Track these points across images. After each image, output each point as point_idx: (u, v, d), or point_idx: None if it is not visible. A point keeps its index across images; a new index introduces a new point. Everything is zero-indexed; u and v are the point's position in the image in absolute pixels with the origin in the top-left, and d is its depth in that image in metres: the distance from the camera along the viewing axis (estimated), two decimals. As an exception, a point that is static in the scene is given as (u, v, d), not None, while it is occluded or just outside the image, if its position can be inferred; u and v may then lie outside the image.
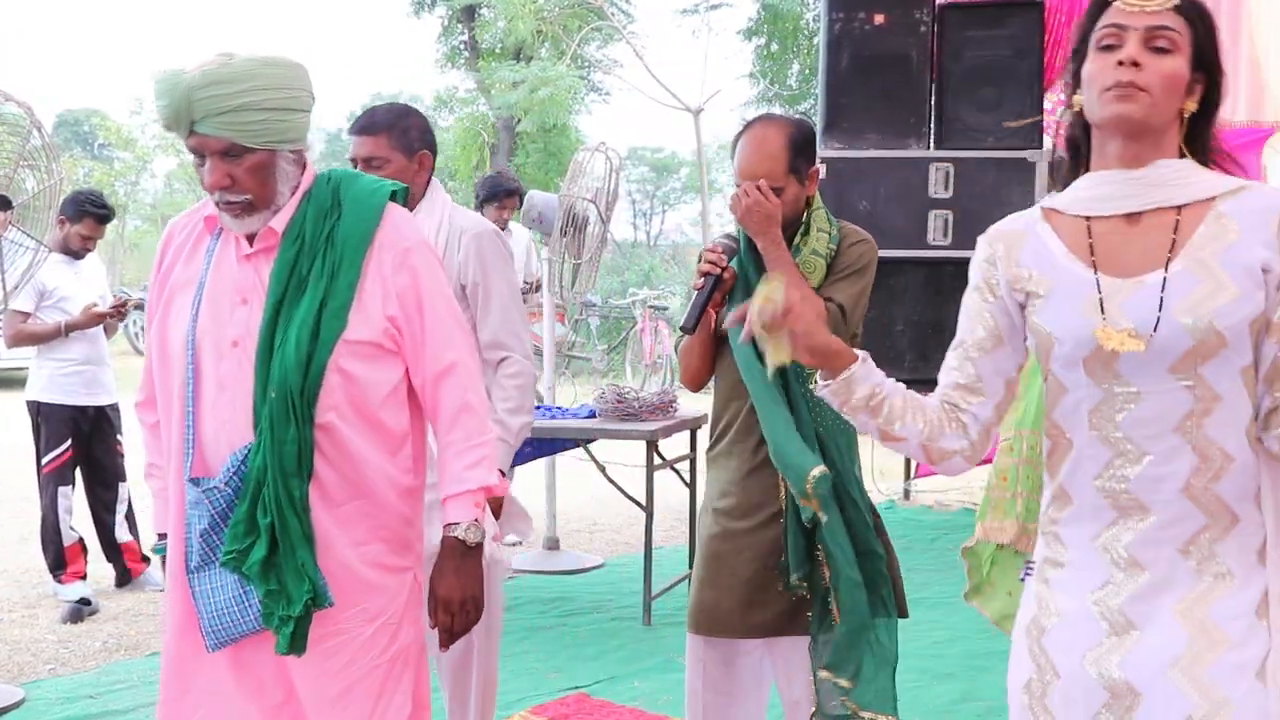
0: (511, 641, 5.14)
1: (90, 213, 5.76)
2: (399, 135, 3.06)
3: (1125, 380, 1.71)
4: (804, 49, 15.98)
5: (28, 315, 5.72)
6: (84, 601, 5.60)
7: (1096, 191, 1.79)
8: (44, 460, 5.78)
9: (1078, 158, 1.86)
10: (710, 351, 3.03)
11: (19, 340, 5.84)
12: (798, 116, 3.70)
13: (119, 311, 5.84)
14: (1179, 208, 1.73)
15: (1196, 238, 1.70)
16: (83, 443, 5.85)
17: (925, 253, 6.00)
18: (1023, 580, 2.08)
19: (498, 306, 3.22)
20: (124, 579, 6.04)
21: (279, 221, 2.21)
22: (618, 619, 5.74)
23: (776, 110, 18.77)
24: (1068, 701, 1.78)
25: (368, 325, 2.21)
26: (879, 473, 8.07)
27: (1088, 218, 1.79)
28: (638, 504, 5.89)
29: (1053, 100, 7.36)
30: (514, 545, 6.67)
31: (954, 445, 1.86)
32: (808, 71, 16.02)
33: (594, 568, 6.78)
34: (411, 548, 2.39)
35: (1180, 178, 1.73)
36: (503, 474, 3.06)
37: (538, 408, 5.83)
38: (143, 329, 13.00)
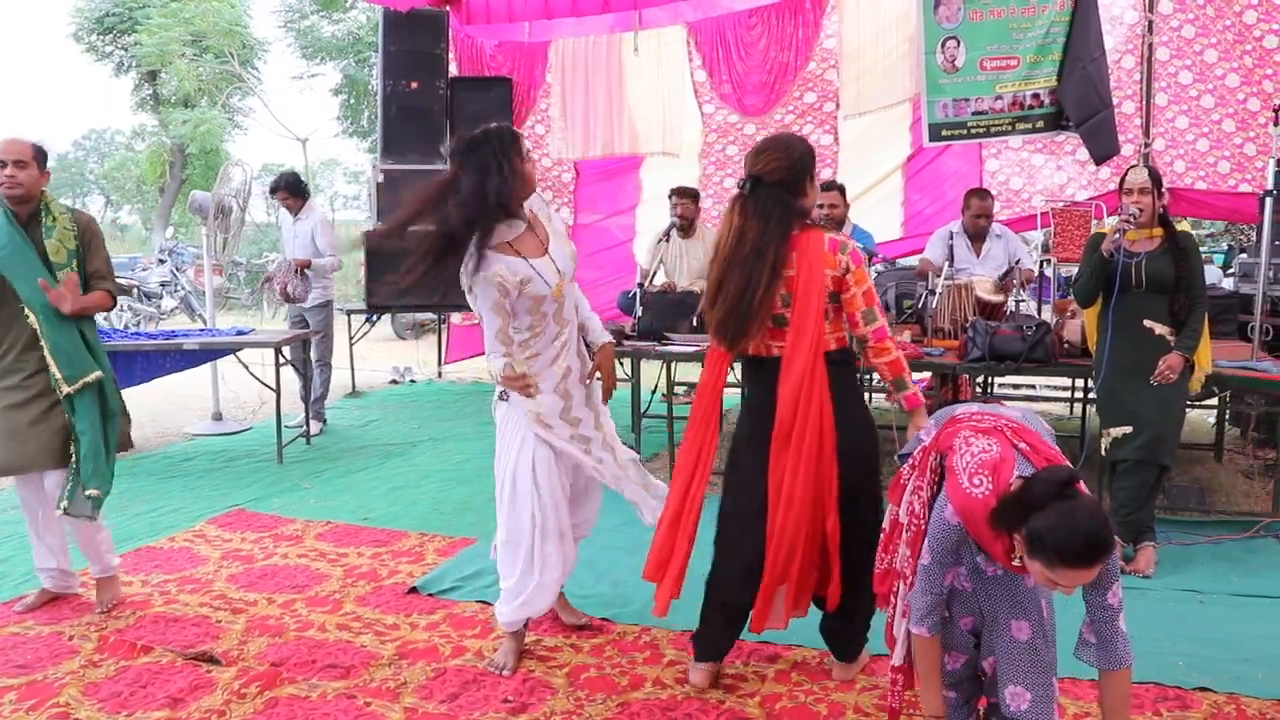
0: (192, 479, 6.10)
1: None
2: None
3: None
4: (370, 101, 21.37)
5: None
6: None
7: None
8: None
9: None
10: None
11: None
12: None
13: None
14: None
15: None
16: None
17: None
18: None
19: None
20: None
21: None
22: (261, 461, 6.55)
23: (355, 141, 22.50)
24: None
25: None
26: (421, 361, 10.37)
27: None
28: (270, 388, 6.90)
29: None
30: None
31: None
32: (373, 115, 21.15)
33: (245, 430, 7.71)
34: None
35: None
36: None
37: (203, 330, 6.77)
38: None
